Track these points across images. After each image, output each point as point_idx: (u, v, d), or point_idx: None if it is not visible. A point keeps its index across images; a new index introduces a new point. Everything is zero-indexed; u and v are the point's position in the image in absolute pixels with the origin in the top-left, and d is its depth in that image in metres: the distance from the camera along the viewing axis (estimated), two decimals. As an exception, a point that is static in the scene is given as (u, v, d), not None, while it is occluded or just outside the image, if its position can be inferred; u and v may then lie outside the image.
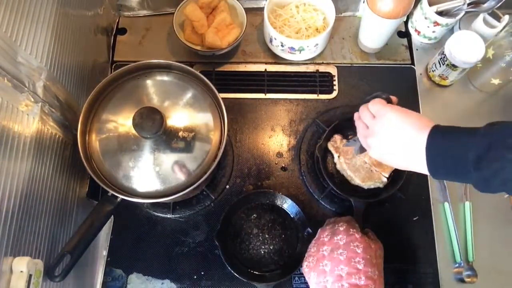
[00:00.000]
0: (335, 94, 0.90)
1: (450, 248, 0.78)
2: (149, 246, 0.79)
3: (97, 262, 0.77)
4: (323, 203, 0.81)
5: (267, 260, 0.77)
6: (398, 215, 0.81)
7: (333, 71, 0.92)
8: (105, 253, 0.78)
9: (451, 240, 0.78)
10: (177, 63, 0.70)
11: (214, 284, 0.76)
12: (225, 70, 0.92)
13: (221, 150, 0.67)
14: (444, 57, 0.83)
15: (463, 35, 0.81)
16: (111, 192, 0.64)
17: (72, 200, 0.73)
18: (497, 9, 0.84)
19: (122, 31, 0.96)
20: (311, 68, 0.92)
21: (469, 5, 0.83)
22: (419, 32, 0.92)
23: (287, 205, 0.79)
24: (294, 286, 0.75)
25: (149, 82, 0.70)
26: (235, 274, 0.72)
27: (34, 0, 0.60)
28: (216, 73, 0.91)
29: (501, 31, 0.83)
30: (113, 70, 0.91)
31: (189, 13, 0.86)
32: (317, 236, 0.72)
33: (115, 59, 0.93)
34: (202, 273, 0.77)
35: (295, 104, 0.89)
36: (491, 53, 0.82)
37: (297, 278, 0.76)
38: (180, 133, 0.66)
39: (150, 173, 0.65)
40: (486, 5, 0.82)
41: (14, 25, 0.55)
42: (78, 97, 0.75)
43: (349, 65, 0.93)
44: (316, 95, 0.90)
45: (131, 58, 0.90)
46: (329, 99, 0.90)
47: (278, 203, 0.80)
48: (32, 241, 0.58)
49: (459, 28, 0.92)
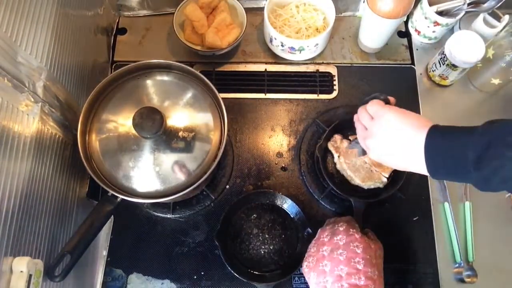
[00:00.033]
0: (335, 94, 0.90)
1: (450, 248, 0.78)
2: (149, 246, 0.79)
3: (97, 262, 0.77)
4: (323, 203, 0.81)
5: (267, 260, 0.77)
6: (398, 215, 0.81)
7: (333, 71, 0.92)
8: (105, 253, 0.78)
9: (451, 240, 0.78)
10: (177, 63, 0.70)
11: (214, 284, 0.76)
12: (225, 70, 0.92)
13: (221, 150, 0.67)
14: (444, 57, 0.83)
15: (463, 35, 0.81)
16: (111, 192, 0.64)
17: (72, 200, 0.73)
18: (497, 9, 0.84)
19: (122, 31, 0.96)
20: (311, 68, 0.92)
21: (469, 5, 0.83)
22: (419, 32, 0.92)
23: (287, 205, 0.79)
24: (294, 286, 0.75)
25: (149, 82, 0.70)
26: (235, 274, 0.72)
27: (34, 0, 0.60)
28: (216, 73, 0.91)
29: (501, 31, 0.83)
30: (113, 70, 0.91)
31: (189, 13, 0.86)
32: (317, 236, 0.72)
33: (115, 59, 0.93)
34: (202, 273, 0.77)
35: (295, 104, 0.89)
36: (491, 53, 0.82)
37: (297, 278, 0.76)
38: (180, 133, 0.66)
39: (150, 173, 0.65)
40: (486, 5, 0.82)
41: (14, 25, 0.55)
42: (78, 97, 0.75)
43: (349, 65, 0.93)
44: (316, 95, 0.90)
45: (131, 58, 0.90)
46: (329, 99, 0.90)
47: (278, 203, 0.80)
48: (32, 241, 0.58)
49: (459, 28, 0.92)
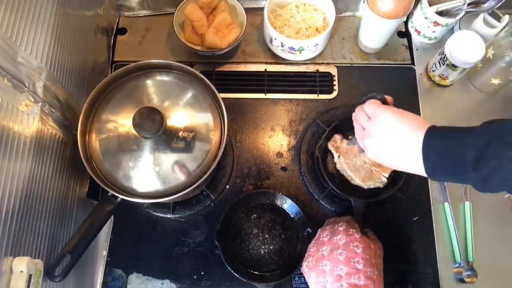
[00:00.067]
0: (335, 94, 0.90)
1: (450, 248, 0.78)
2: (149, 246, 0.79)
3: (97, 262, 0.77)
4: (323, 203, 0.81)
5: (267, 260, 0.77)
6: (398, 215, 0.81)
7: (333, 71, 0.92)
8: (105, 253, 0.78)
9: (451, 240, 0.78)
10: (177, 63, 0.70)
11: (214, 284, 0.76)
12: (225, 70, 0.92)
13: (221, 150, 0.67)
14: (444, 57, 0.83)
15: (463, 35, 0.81)
16: (111, 192, 0.64)
17: (72, 200, 0.73)
18: (497, 9, 0.84)
19: (122, 31, 0.96)
20: (311, 68, 0.92)
21: (469, 5, 0.83)
22: (419, 32, 0.92)
23: (287, 205, 0.79)
24: (294, 286, 0.75)
25: (149, 82, 0.70)
26: (235, 274, 0.72)
27: (34, 0, 0.60)
28: (216, 73, 0.91)
29: (501, 31, 0.83)
30: (113, 70, 0.91)
31: (189, 13, 0.86)
32: (316, 236, 0.72)
33: (115, 59, 0.93)
34: (202, 273, 0.77)
35: (295, 104, 0.89)
36: (491, 53, 0.82)
37: (297, 278, 0.76)
38: (180, 133, 0.66)
39: (150, 173, 0.65)
40: (486, 5, 0.82)
41: (14, 25, 0.55)
42: (78, 97, 0.75)
43: (349, 65, 0.93)
44: (316, 95, 0.90)
45: (131, 58, 0.90)
46: (329, 99, 0.90)
47: (278, 203, 0.80)
48: (32, 241, 0.58)
49: (459, 28, 0.92)
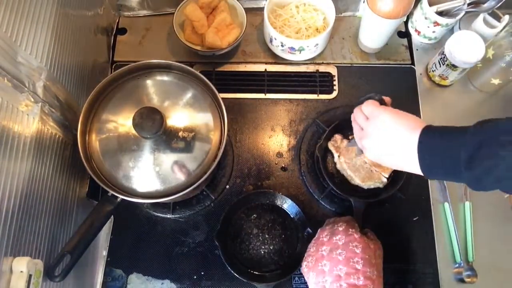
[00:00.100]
0: (335, 94, 0.90)
1: (450, 248, 0.78)
2: (149, 246, 0.79)
3: (97, 262, 0.77)
4: (323, 203, 0.81)
5: (267, 260, 0.77)
6: (398, 215, 0.81)
7: (333, 71, 0.92)
8: (105, 253, 0.78)
9: (451, 240, 0.78)
10: (177, 63, 0.70)
11: (214, 284, 0.76)
12: (225, 70, 0.92)
13: (221, 150, 0.67)
14: (444, 57, 0.83)
15: (463, 35, 0.81)
16: (111, 192, 0.64)
17: (72, 200, 0.73)
18: (497, 9, 0.84)
19: (122, 31, 0.96)
20: (311, 68, 0.92)
21: (469, 5, 0.83)
22: (419, 32, 0.92)
23: (287, 205, 0.79)
24: (294, 286, 0.75)
25: (149, 82, 0.70)
26: (235, 274, 0.72)
27: (34, 0, 0.60)
28: (216, 73, 0.91)
29: (501, 31, 0.83)
30: (113, 70, 0.91)
31: (189, 13, 0.86)
32: (316, 236, 0.72)
33: (115, 59, 0.93)
34: (202, 273, 0.77)
35: (295, 104, 0.89)
36: (491, 53, 0.82)
37: (297, 278, 0.76)
38: (180, 133, 0.66)
39: (150, 173, 0.65)
40: (486, 5, 0.82)
41: (14, 25, 0.55)
42: (78, 97, 0.75)
43: (349, 65, 0.93)
44: (316, 95, 0.90)
45: (131, 58, 0.90)
46: (329, 99, 0.90)
47: (278, 203, 0.80)
48: (32, 241, 0.58)
49: (459, 28, 0.92)
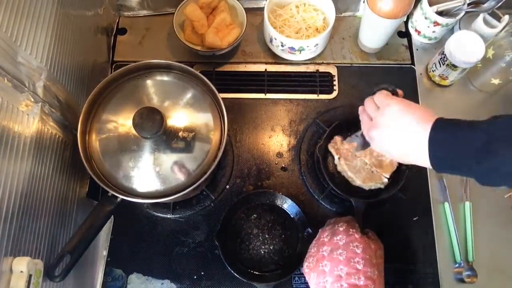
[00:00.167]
0: (335, 94, 0.90)
1: (450, 248, 0.78)
2: (149, 246, 0.79)
3: (97, 262, 0.77)
4: (323, 203, 0.81)
5: (267, 260, 0.77)
6: (398, 215, 0.81)
7: (333, 71, 0.92)
8: (105, 253, 0.78)
9: (451, 240, 0.78)
10: (177, 63, 0.70)
11: (214, 284, 0.76)
12: (225, 70, 0.92)
13: (221, 150, 0.67)
14: (444, 57, 0.83)
15: (463, 35, 0.81)
16: (111, 192, 0.64)
17: (72, 200, 0.73)
18: (497, 9, 0.83)
19: (122, 31, 0.96)
20: (311, 68, 0.92)
21: (469, 5, 0.83)
22: (419, 32, 0.92)
23: (287, 205, 0.79)
24: (294, 286, 0.75)
25: (149, 82, 0.70)
26: (235, 274, 0.72)
27: (34, 0, 0.60)
28: (216, 73, 0.91)
29: (501, 31, 0.83)
30: (113, 70, 0.91)
31: (189, 13, 0.86)
32: (317, 237, 0.72)
33: (115, 59, 0.93)
34: (202, 273, 0.77)
35: (295, 104, 0.89)
36: (491, 53, 0.82)
37: (297, 278, 0.76)
38: (180, 133, 0.66)
39: (150, 173, 0.65)
40: (486, 5, 0.82)
41: (14, 25, 0.55)
42: (78, 97, 0.75)
43: (349, 65, 0.93)
44: (316, 95, 0.90)
45: (131, 58, 0.90)
46: (329, 99, 0.90)
47: (278, 203, 0.80)
48: (32, 241, 0.58)
49: (459, 28, 0.92)
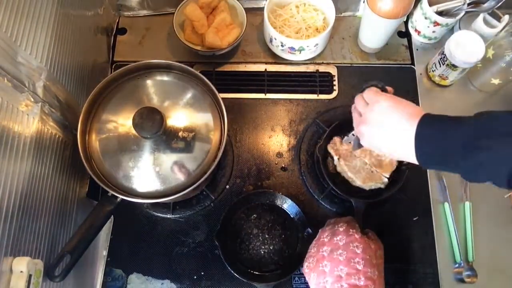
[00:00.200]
0: (335, 94, 0.90)
1: (450, 248, 0.78)
2: (149, 246, 0.79)
3: (97, 262, 0.77)
4: (323, 203, 0.81)
5: (267, 260, 0.77)
6: (398, 215, 0.81)
7: (333, 71, 0.92)
8: (105, 253, 0.78)
9: (451, 240, 0.78)
10: (177, 63, 0.70)
11: (214, 284, 0.76)
12: (225, 70, 0.92)
13: (221, 150, 0.67)
14: (444, 57, 0.83)
15: (463, 35, 0.81)
16: (111, 192, 0.64)
17: (72, 200, 0.73)
18: (497, 9, 0.84)
19: (122, 31, 0.96)
20: (311, 68, 0.92)
21: (469, 5, 0.83)
22: (419, 32, 0.92)
23: (287, 205, 0.79)
24: (294, 286, 0.75)
25: (149, 82, 0.70)
26: (235, 274, 0.72)
27: (34, 0, 0.60)
28: (216, 73, 0.91)
29: (501, 31, 0.83)
30: (113, 70, 0.91)
31: (189, 13, 0.86)
32: (317, 237, 0.72)
33: (115, 59, 0.93)
34: (202, 273, 0.77)
35: (295, 104, 0.89)
36: (491, 53, 0.82)
37: (297, 278, 0.76)
38: (180, 133, 0.66)
39: (150, 173, 0.65)
40: (486, 5, 0.82)
41: (14, 25, 0.55)
42: (78, 97, 0.75)
43: (349, 65, 0.93)
44: (316, 95, 0.90)
45: (131, 58, 0.90)
46: (329, 99, 0.90)
47: (278, 203, 0.80)
48: (32, 241, 0.58)
49: (459, 28, 0.92)
